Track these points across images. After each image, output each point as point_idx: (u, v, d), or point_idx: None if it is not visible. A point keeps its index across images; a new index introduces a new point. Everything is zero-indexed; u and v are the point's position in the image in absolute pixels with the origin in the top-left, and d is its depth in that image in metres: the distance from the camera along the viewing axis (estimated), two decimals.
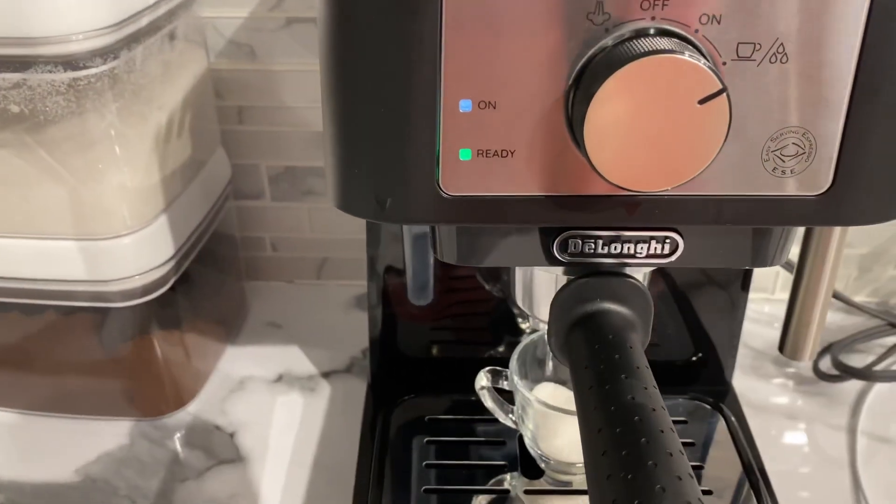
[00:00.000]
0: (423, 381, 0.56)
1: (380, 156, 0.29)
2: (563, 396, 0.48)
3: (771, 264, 0.33)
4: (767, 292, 0.74)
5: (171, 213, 0.54)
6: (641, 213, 0.29)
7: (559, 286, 0.38)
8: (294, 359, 0.66)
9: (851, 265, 0.72)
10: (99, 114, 0.47)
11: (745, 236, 0.32)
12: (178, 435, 0.59)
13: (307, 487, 0.54)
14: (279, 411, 0.61)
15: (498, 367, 0.48)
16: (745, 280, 0.54)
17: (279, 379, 0.64)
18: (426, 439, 0.51)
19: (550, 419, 0.46)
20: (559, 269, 0.37)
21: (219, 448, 0.58)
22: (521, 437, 0.51)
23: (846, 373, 0.60)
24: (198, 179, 0.59)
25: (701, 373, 0.57)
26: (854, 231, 0.69)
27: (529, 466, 0.49)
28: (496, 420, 0.52)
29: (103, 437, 0.58)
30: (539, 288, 0.39)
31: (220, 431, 0.59)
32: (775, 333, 0.69)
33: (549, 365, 0.50)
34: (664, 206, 0.29)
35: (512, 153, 0.28)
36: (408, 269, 0.52)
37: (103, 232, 0.51)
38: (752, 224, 0.30)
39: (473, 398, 0.54)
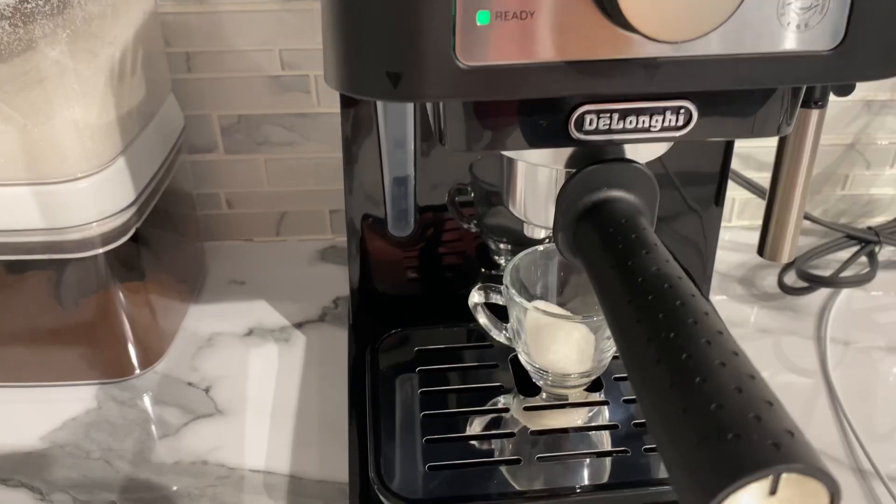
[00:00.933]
0: (404, 319, 0.55)
1: (392, 25, 0.27)
2: (554, 312, 0.47)
3: (778, 133, 0.33)
4: (724, 220, 0.75)
5: (128, 156, 0.51)
6: (660, 77, 0.29)
7: (560, 185, 0.37)
8: (263, 313, 0.64)
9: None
10: (48, 43, 0.44)
11: (755, 103, 0.32)
12: (149, 395, 0.56)
13: (294, 433, 0.52)
14: (254, 363, 0.59)
15: (490, 283, 0.47)
16: (719, 193, 0.54)
17: (250, 333, 0.62)
18: (418, 369, 0.49)
19: (546, 331, 0.45)
20: (560, 164, 0.36)
21: (194, 404, 0.55)
22: (513, 360, 0.50)
23: (814, 283, 0.62)
24: (153, 124, 0.55)
25: None
26: None
27: (525, 386, 0.48)
28: (486, 346, 0.52)
29: (66, 403, 0.55)
30: (539, 190, 0.38)
31: (193, 388, 0.56)
32: (737, 257, 0.71)
33: (539, 287, 0.49)
34: (682, 70, 0.29)
35: (531, 14, 0.27)
36: (387, 198, 0.51)
37: (57, 175, 0.47)
38: (767, 84, 0.30)
39: (455, 329, 0.54)
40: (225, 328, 0.62)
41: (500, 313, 0.49)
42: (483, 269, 0.59)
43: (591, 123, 0.31)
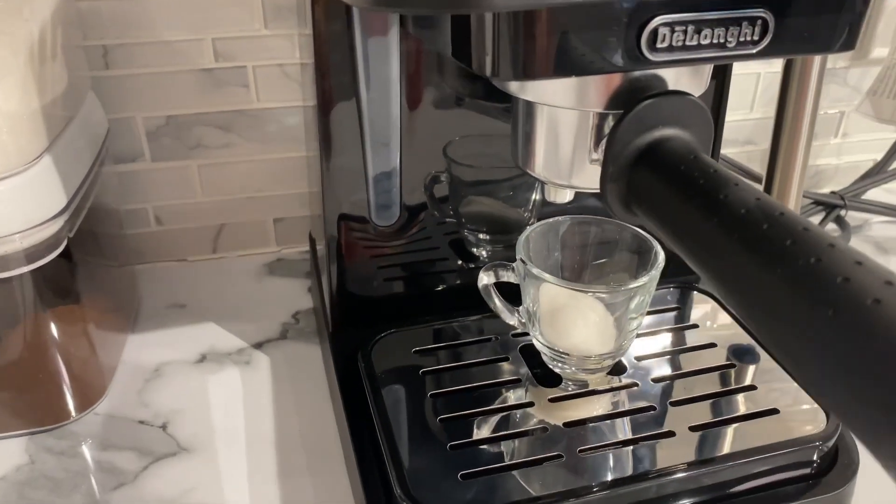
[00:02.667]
0: (385, 322, 0.49)
1: None
2: (566, 292, 0.43)
3: (846, 48, 0.30)
4: None
5: (55, 154, 0.43)
6: None
7: (594, 131, 0.33)
8: (214, 336, 0.56)
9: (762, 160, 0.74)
10: None
11: (829, 13, 0.29)
12: (92, 440, 0.47)
13: (277, 462, 0.45)
14: (215, 391, 0.51)
15: (499, 262, 0.42)
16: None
17: (203, 359, 0.54)
18: (422, 371, 0.44)
19: (562, 312, 0.41)
20: (598, 106, 0.32)
21: (151, 444, 0.47)
22: (523, 350, 0.45)
23: None
24: (77, 123, 0.47)
25: (675, 258, 0.54)
26: (763, 129, 0.70)
27: (542, 377, 0.43)
28: (486, 339, 0.47)
29: None
30: (566, 141, 0.34)
31: (146, 426, 0.48)
32: None
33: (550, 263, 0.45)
34: None
35: None
36: (370, 189, 0.45)
37: None
38: None
39: (447, 325, 0.48)
40: (173, 356, 0.54)
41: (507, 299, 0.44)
42: (461, 262, 0.54)
43: (664, 39, 0.27)
